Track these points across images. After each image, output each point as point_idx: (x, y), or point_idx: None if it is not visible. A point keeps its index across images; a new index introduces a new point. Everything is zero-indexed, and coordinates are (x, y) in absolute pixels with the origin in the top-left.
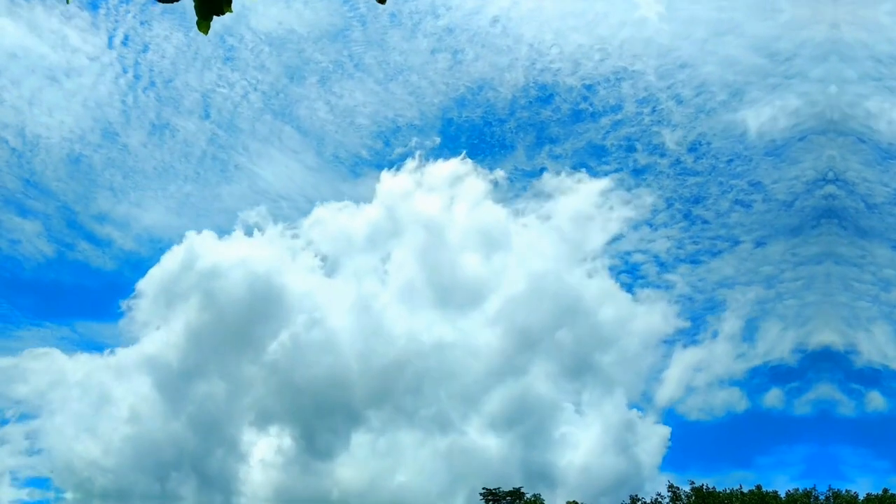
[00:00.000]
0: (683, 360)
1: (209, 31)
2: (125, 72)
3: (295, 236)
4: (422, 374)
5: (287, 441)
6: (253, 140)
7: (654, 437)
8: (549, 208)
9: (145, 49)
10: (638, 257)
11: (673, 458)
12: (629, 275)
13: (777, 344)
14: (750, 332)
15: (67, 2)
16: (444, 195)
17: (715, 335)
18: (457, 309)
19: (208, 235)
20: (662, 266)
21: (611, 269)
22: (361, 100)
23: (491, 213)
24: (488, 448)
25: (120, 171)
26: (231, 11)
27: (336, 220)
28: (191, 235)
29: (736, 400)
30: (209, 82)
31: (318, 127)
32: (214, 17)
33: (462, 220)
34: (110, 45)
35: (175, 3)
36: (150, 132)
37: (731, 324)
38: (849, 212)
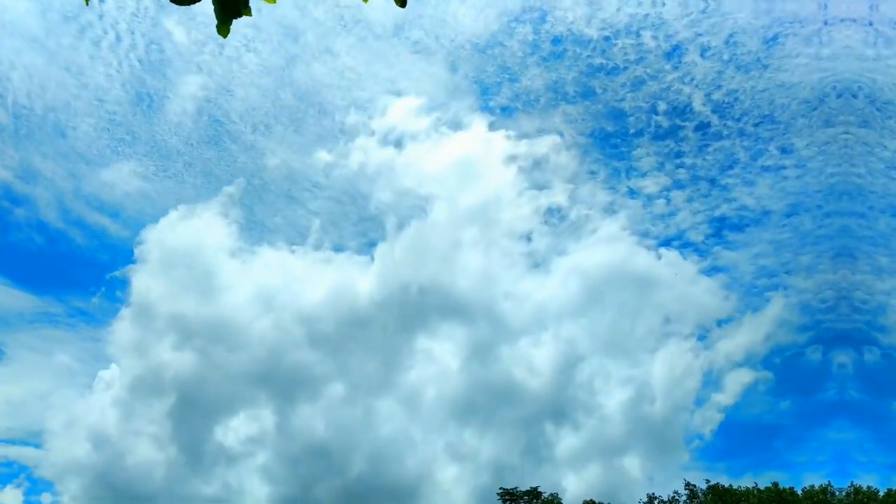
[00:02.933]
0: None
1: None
2: (106, 32)
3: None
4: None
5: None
6: (246, 105)
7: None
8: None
9: (124, 6)
10: (657, 230)
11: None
12: (654, 245)
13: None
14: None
15: (87, 3)
16: (454, 161)
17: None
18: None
19: (199, 212)
20: (684, 242)
21: (637, 238)
22: (361, 59)
23: (504, 182)
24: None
25: (109, 146)
26: (250, 14)
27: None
28: (177, 213)
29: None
30: (198, 42)
31: (314, 91)
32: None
33: (474, 190)
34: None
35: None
36: (136, 100)
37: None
38: None
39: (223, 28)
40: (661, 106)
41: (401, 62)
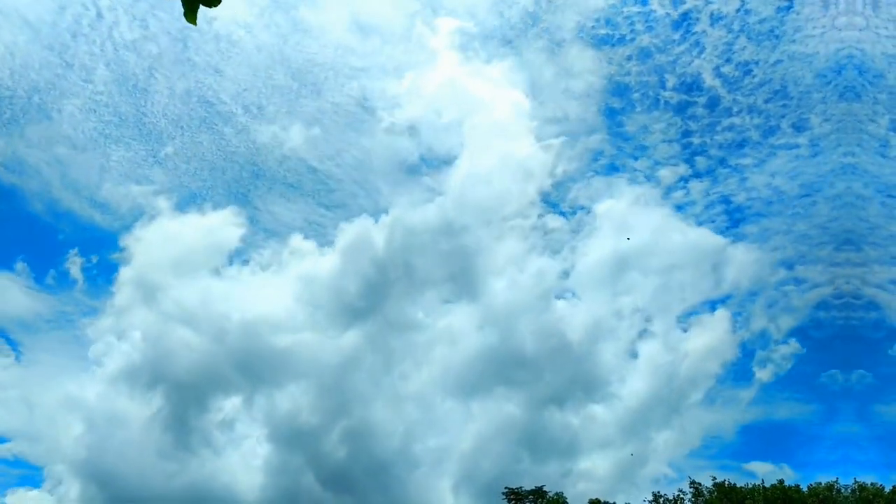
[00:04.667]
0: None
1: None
2: (87, 9)
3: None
4: None
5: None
6: (237, 86)
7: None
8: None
9: None
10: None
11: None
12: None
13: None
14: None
15: None
16: (463, 129)
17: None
18: None
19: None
20: (696, 227)
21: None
22: (357, 33)
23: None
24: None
25: (96, 128)
26: (217, 5)
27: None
28: (168, 200)
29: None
30: (184, 18)
31: (307, 70)
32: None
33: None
34: None
35: None
36: (121, 80)
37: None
38: None
39: (191, 15)
40: (670, 80)
41: (397, 36)
